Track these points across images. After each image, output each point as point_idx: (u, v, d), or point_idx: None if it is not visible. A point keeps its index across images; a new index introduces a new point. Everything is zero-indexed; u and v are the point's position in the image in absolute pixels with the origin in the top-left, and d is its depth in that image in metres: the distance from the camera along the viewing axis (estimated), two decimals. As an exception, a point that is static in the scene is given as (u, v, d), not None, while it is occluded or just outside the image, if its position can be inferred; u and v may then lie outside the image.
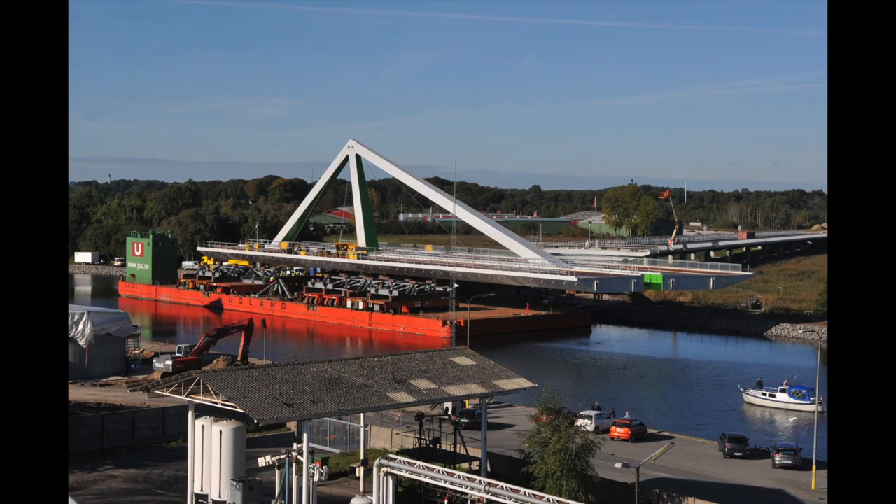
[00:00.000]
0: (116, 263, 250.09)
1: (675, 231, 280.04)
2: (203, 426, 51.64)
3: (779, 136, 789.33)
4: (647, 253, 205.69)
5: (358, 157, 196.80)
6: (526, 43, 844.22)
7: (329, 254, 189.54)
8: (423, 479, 47.67)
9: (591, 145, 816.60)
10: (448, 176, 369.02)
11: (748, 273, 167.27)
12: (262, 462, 51.05)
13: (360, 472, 57.99)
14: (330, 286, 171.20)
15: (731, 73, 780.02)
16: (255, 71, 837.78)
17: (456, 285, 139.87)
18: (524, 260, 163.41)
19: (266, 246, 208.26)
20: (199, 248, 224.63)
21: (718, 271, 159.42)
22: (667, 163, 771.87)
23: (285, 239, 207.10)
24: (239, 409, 47.77)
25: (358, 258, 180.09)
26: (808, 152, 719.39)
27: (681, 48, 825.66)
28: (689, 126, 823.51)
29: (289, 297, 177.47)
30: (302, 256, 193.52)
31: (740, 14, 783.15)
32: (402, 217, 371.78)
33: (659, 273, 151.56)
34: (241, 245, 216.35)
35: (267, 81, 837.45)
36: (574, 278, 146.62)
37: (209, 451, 51.17)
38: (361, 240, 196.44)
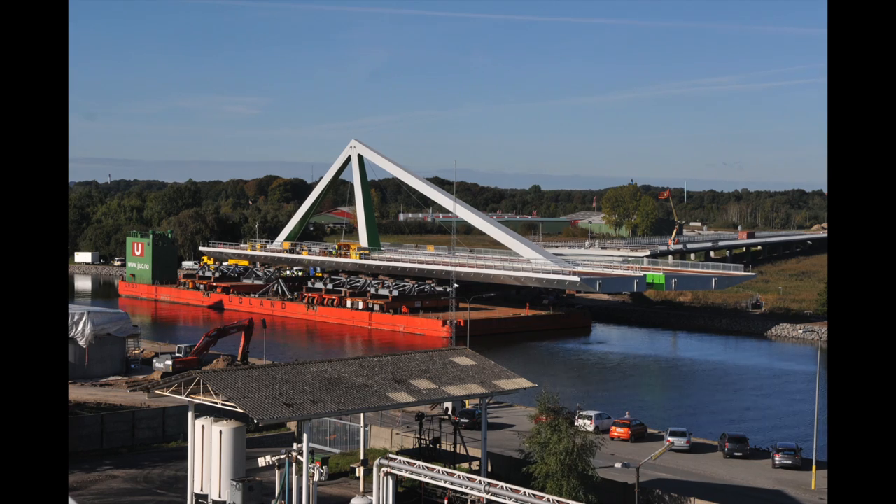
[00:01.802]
0: (116, 263, 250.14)
1: (675, 231, 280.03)
2: (203, 426, 51.63)
3: (779, 135, 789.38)
4: (647, 253, 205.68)
5: (360, 157, 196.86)
6: (474, 40, 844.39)
7: (331, 254, 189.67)
8: (423, 479, 47.67)
9: (591, 144, 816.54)
10: (446, 175, 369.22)
11: (750, 273, 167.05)
12: (262, 462, 51.06)
13: (360, 472, 57.98)
14: (330, 286, 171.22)
15: (729, 70, 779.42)
16: (219, 69, 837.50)
17: (456, 285, 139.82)
18: (526, 260, 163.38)
19: (268, 246, 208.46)
20: (200, 248, 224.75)
21: (720, 271, 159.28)
22: (667, 163, 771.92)
23: (287, 239, 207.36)
24: (239, 409, 47.77)
25: (360, 258, 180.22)
26: (808, 152, 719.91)
27: (671, 44, 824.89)
28: (690, 125, 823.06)
29: (289, 297, 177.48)
30: (304, 256, 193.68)
31: (738, 12, 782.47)
32: (402, 217, 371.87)
33: (661, 273, 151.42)
34: (243, 245, 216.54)
35: (232, 80, 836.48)
36: (577, 278, 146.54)
37: (209, 451, 51.16)
38: (364, 240, 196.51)
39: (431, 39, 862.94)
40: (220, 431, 50.90)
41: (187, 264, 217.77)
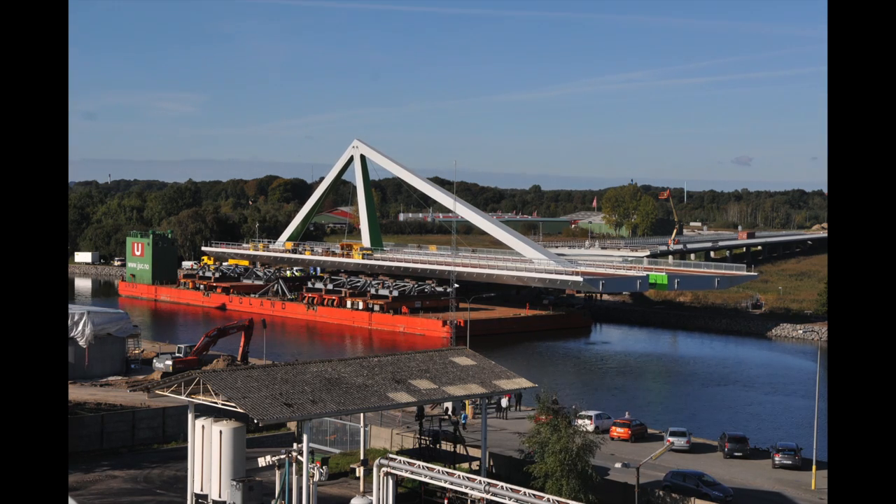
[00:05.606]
0: (116, 263, 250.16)
1: (675, 231, 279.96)
2: (203, 426, 51.64)
3: (779, 134, 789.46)
4: (647, 253, 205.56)
5: (363, 158, 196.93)
6: (370, 30, 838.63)
7: (334, 254, 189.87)
8: (423, 479, 47.67)
9: (590, 144, 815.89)
10: (445, 175, 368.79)
11: (752, 273, 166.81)
12: (262, 462, 51.06)
13: (360, 472, 57.98)
14: (330, 286, 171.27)
15: (729, 68, 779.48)
16: (154, 65, 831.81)
17: (456, 285, 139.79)
18: (529, 260, 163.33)
19: (271, 246, 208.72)
20: (203, 248, 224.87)
21: (723, 271, 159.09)
22: (667, 163, 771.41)
23: (290, 239, 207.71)
24: (239, 409, 47.77)
25: (363, 258, 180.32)
26: (808, 151, 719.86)
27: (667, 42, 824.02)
28: (690, 124, 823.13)
29: (289, 297, 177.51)
30: (307, 256, 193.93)
31: (740, 10, 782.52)
32: (402, 217, 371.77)
33: (664, 273, 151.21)
34: (245, 245, 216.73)
35: (156, 75, 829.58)
36: (580, 278, 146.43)
37: (209, 451, 51.17)
38: (366, 240, 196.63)
39: (331, 33, 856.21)
40: (220, 431, 50.91)
41: (187, 264, 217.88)
